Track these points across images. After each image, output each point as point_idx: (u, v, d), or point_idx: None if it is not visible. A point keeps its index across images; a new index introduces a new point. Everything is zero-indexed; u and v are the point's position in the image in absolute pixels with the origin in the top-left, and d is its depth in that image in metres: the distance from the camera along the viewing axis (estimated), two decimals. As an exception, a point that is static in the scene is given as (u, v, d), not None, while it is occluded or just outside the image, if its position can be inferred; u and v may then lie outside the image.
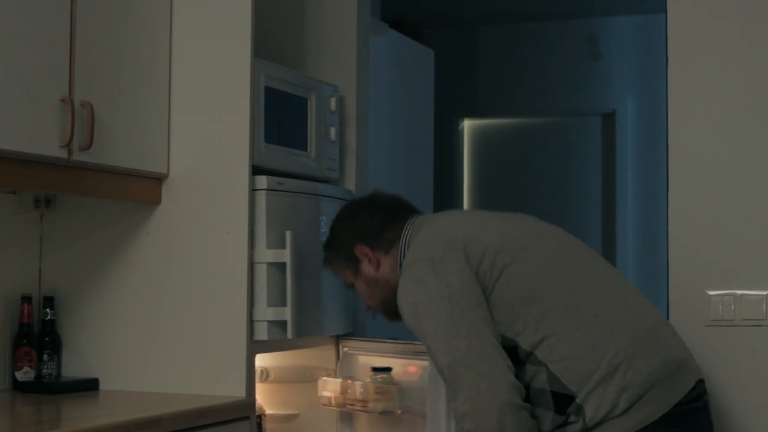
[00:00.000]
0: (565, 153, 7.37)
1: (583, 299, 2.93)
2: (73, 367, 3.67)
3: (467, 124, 7.61)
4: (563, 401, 2.85)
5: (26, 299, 3.59)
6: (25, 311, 3.58)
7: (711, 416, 3.00)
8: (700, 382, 2.98)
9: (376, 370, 3.68)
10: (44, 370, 3.60)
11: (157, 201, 3.59)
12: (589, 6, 7.05)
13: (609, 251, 7.17)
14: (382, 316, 3.33)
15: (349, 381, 3.73)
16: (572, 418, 2.83)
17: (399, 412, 3.64)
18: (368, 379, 3.69)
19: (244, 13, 3.54)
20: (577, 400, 2.82)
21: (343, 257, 3.32)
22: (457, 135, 7.56)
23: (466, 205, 7.59)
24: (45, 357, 3.60)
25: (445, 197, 7.39)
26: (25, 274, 3.68)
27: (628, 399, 2.80)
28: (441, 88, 6.26)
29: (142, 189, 3.53)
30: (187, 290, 3.54)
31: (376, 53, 4.89)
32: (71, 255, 3.71)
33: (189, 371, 3.50)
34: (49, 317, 3.64)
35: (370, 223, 3.28)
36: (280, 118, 3.75)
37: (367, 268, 3.27)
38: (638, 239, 7.09)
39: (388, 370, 3.69)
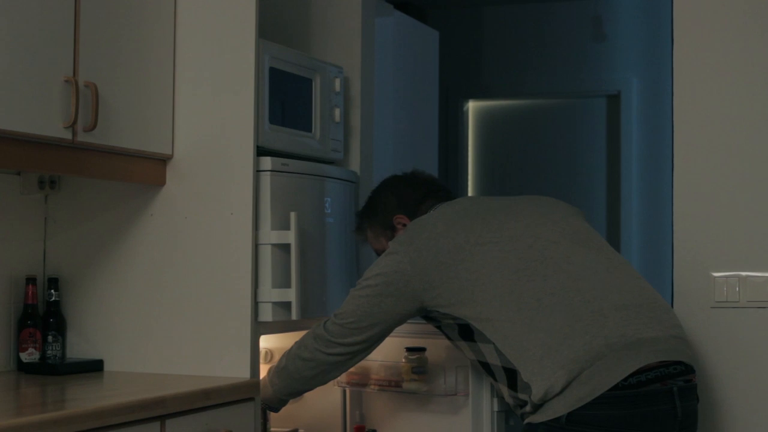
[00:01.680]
0: (570, 134, 7.36)
1: (529, 286, 3.05)
2: (77, 349, 3.67)
3: (472, 106, 7.60)
4: (511, 376, 3.05)
5: (31, 280, 3.59)
6: (30, 292, 3.58)
7: (682, 402, 2.98)
8: (676, 364, 2.98)
9: (410, 350, 3.69)
10: (49, 352, 3.60)
11: (162, 182, 3.58)
12: (594, -13, 7.03)
13: (614, 233, 7.17)
14: None
15: (385, 362, 3.73)
16: (523, 396, 2.98)
17: (428, 391, 3.67)
18: (402, 360, 3.69)
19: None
20: (524, 378, 2.95)
21: (380, 224, 3.59)
22: (461, 116, 7.55)
23: (470, 186, 7.58)
24: (50, 338, 3.61)
25: (450, 178, 7.39)
26: (30, 255, 3.68)
27: (564, 376, 2.88)
28: (445, 70, 6.24)
29: (147, 170, 3.53)
30: (191, 271, 3.54)
31: (381, 34, 4.88)
32: (76, 236, 3.71)
33: (194, 352, 3.51)
34: (53, 298, 3.64)
35: (411, 195, 3.55)
36: (285, 99, 3.74)
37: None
38: (643, 221, 7.08)
39: (422, 350, 3.70)
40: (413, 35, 5.62)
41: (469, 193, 7.61)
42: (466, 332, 3.19)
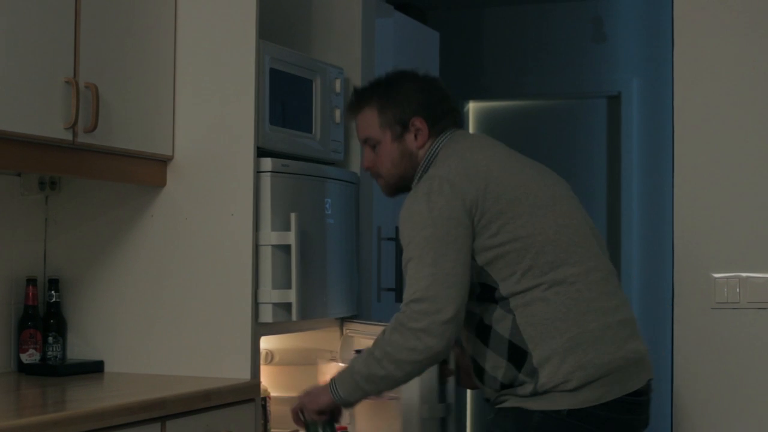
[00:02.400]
0: (570, 135, 7.36)
1: (572, 271, 2.94)
2: (78, 350, 3.67)
3: (472, 107, 7.60)
4: (518, 355, 2.90)
5: (31, 281, 3.59)
6: (30, 293, 3.59)
7: (649, 413, 3.04)
8: (650, 380, 3.04)
9: (359, 352, 3.67)
10: (49, 353, 3.60)
11: (162, 183, 3.59)
12: (594, -12, 7.03)
13: (614, 233, 7.17)
14: (382, 186, 3.22)
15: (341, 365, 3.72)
16: (525, 378, 2.88)
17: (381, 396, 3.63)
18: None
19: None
20: (534, 363, 2.87)
21: (393, 115, 3.13)
22: (462, 117, 7.55)
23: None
24: (50, 339, 3.61)
25: (450, 179, 7.37)
26: (30, 256, 3.68)
27: (582, 378, 2.85)
28: (446, 70, 6.24)
29: (147, 171, 3.53)
30: (192, 272, 3.54)
31: (382, 35, 4.88)
32: (76, 237, 3.71)
33: (194, 353, 3.51)
34: (54, 299, 3.64)
35: (438, 104, 3.16)
36: (285, 100, 3.75)
37: (411, 140, 3.12)
38: (643, 221, 7.08)
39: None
40: (414, 36, 5.62)
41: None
42: (486, 293, 2.96)
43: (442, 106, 3.16)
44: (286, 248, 3.54)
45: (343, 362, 3.78)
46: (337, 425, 3.13)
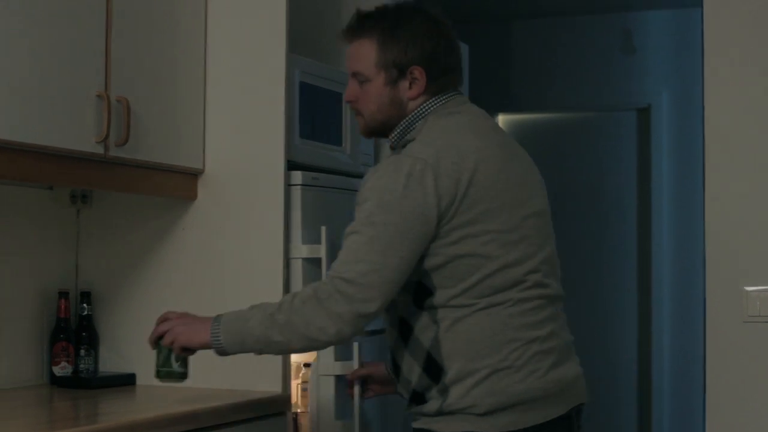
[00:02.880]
0: (599, 148, 7.35)
1: (511, 296, 2.72)
2: (110, 362, 3.69)
3: (501, 119, 7.59)
4: (434, 368, 2.72)
5: (63, 294, 3.61)
6: (62, 306, 3.60)
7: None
8: (579, 406, 2.87)
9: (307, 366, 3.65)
10: (81, 365, 3.62)
11: (193, 196, 3.60)
12: (623, 0, 7.02)
13: (644, 248, 7.14)
14: (360, 124, 2.93)
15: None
16: (435, 393, 2.72)
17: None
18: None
19: (278, 8, 3.55)
20: (447, 381, 2.69)
21: (393, 59, 2.81)
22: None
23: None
24: (82, 352, 3.62)
25: (480, 192, 7.36)
26: (62, 269, 3.70)
27: (492, 404, 2.68)
28: (475, 83, 6.24)
29: (178, 184, 3.54)
30: (222, 286, 3.54)
31: (411, 48, 4.88)
32: (108, 250, 3.73)
33: (225, 367, 3.50)
34: (86, 312, 3.66)
35: (444, 57, 2.85)
36: (315, 113, 3.75)
37: (404, 89, 2.82)
38: (674, 235, 7.06)
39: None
40: (443, 49, 5.62)
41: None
42: (419, 294, 2.74)
43: (447, 59, 2.86)
44: (317, 261, 3.55)
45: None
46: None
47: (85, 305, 3.66)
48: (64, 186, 3.58)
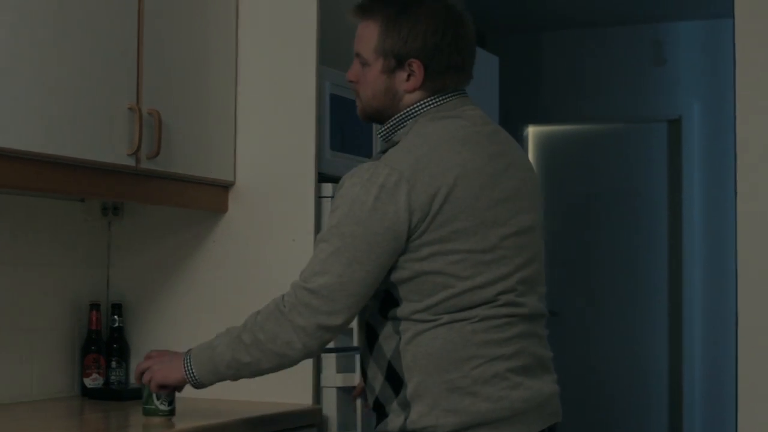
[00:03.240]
0: (630, 160, 7.33)
1: (476, 313, 2.60)
2: (140, 374, 3.69)
3: (532, 131, 7.59)
4: (395, 380, 2.63)
5: (94, 306, 3.62)
6: (94, 318, 3.61)
7: None
8: (553, 426, 2.77)
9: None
10: (112, 377, 3.63)
11: (224, 209, 3.60)
12: (653, 11, 7.00)
13: (676, 260, 7.12)
14: (358, 107, 2.84)
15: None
16: (397, 407, 2.62)
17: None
18: None
19: (309, 20, 3.55)
20: (407, 396, 2.59)
21: (392, 47, 2.69)
22: (521, 141, 7.53)
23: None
24: (113, 364, 3.63)
25: (510, 204, 7.35)
26: (94, 281, 3.71)
27: (455, 424, 2.58)
28: (505, 95, 6.23)
29: (209, 197, 3.55)
30: (253, 298, 3.53)
31: (441, 60, 4.87)
32: (139, 262, 3.74)
33: (256, 378, 3.51)
34: (117, 324, 3.67)
35: (447, 55, 2.71)
36: (345, 125, 3.75)
37: (401, 80, 2.71)
38: (706, 248, 7.03)
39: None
40: (473, 61, 5.62)
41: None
42: (386, 302, 2.65)
43: (451, 57, 2.71)
44: (347, 273, 3.54)
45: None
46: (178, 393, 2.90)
47: (116, 317, 3.67)
48: (96, 198, 3.59)
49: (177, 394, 2.91)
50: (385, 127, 2.75)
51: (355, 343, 3.36)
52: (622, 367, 7.24)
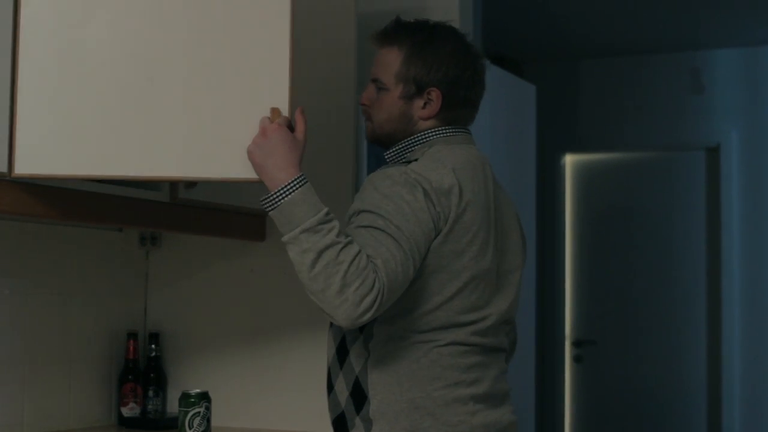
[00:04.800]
0: (668, 188, 7.30)
1: (444, 336, 2.60)
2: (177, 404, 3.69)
3: (569, 159, 7.57)
4: (359, 395, 2.62)
5: (132, 336, 3.63)
6: (131, 347, 3.62)
7: None
8: None
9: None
10: (149, 406, 3.63)
11: (261, 237, 3.60)
12: (692, 39, 6.98)
13: (715, 288, 7.07)
14: (367, 129, 2.84)
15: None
16: (357, 423, 2.62)
17: None
18: None
19: (349, 49, 3.56)
20: (370, 413, 2.59)
21: (415, 75, 2.73)
22: (558, 170, 7.52)
23: (567, 240, 7.52)
24: (150, 393, 3.63)
25: (547, 232, 7.35)
26: (131, 310, 3.72)
27: None
28: (542, 123, 6.23)
29: (246, 226, 3.55)
30: (291, 327, 3.54)
31: (478, 89, 4.87)
32: (176, 292, 3.74)
33: (294, 407, 3.51)
34: (154, 354, 3.67)
35: (465, 89, 2.77)
36: (381, 152, 3.75)
37: (418, 107, 2.74)
38: (745, 275, 6.98)
39: None
40: (510, 89, 5.61)
41: (567, 250, 7.54)
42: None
43: (468, 92, 2.78)
44: (385, 303, 3.54)
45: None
46: None
47: (153, 346, 3.68)
48: (134, 228, 3.60)
49: (212, 425, 2.91)
50: (395, 149, 2.78)
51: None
52: (660, 394, 7.19)
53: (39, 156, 2.50)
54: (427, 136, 2.74)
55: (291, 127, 2.60)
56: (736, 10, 6.35)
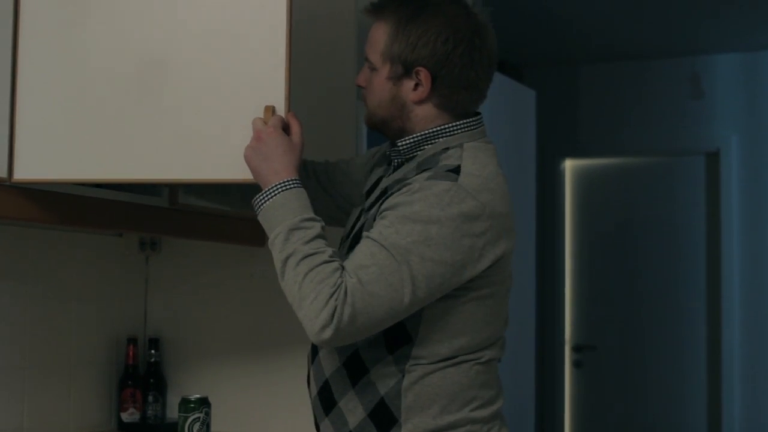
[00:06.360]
0: (668, 193, 7.30)
1: (482, 353, 2.49)
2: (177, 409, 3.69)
3: (569, 164, 7.57)
4: (385, 418, 2.44)
5: (132, 341, 3.62)
6: (131, 353, 3.61)
7: None
8: None
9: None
10: (149, 412, 3.62)
11: (261, 243, 3.59)
12: (691, 44, 6.99)
13: (714, 293, 7.07)
14: (365, 113, 2.62)
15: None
16: None
17: None
18: None
19: (348, 55, 3.56)
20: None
21: (399, 52, 2.48)
22: (558, 175, 7.52)
23: (567, 245, 7.52)
24: (150, 398, 3.63)
25: (547, 237, 7.35)
26: (131, 316, 3.72)
27: None
28: (542, 128, 6.23)
29: (246, 231, 3.54)
30: (291, 332, 3.53)
31: (478, 94, 4.88)
32: (176, 297, 3.74)
33: (295, 415, 3.50)
34: (154, 359, 3.67)
35: (460, 70, 2.49)
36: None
37: (408, 89, 2.50)
38: (745, 280, 6.98)
39: None
40: (510, 94, 5.62)
41: (567, 255, 7.54)
42: (395, 337, 2.43)
43: (463, 72, 2.49)
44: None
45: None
46: None
47: (153, 351, 3.67)
48: (133, 233, 3.60)
49: (212, 430, 2.90)
50: (408, 141, 2.53)
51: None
52: (660, 399, 7.19)
53: (39, 161, 2.50)
54: (449, 130, 2.52)
55: (285, 127, 2.50)
56: (736, 16, 6.35)
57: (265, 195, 2.41)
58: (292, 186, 2.40)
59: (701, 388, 7.11)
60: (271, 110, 2.50)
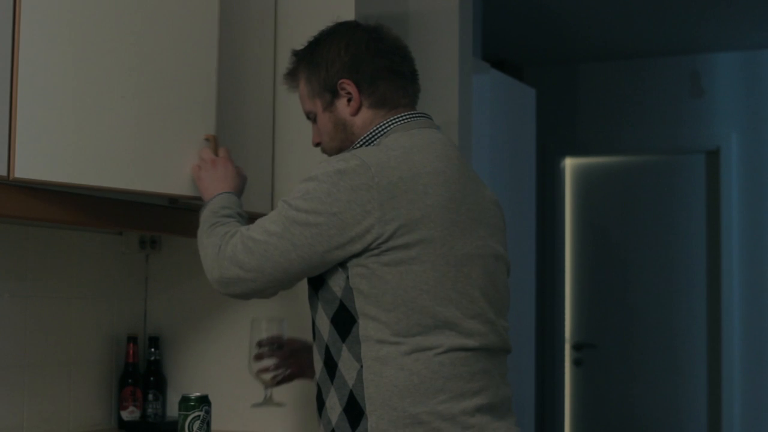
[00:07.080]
0: (668, 191, 7.31)
1: (441, 341, 2.48)
2: (177, 407, 3.69)
3: (569, 163, 7.57)
4: (355, 411, 2.48)
5: (132, 339, 3.62)
6: (131, 351, 3.61)
7: None
8: None
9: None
10: (149, 410, 3.63)
11: (261, 241, 3.60)
12: (691, 43, 6.99)
13: (714, 292, 7.07)
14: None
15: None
16: None
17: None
18: None
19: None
20: (368, 428, 2.45)
21: (319, 84, 2.69)
22: (558, 173, 7.52)
23: (567, 243, 7.53)
24: (150, 397, 3.63)
25: (547, 235, 7.35)
26: (131, 314, 3.72)
27: None
28: (542, 127, 6.23)
29: (246, 230, 3.54)
30: (291, 330, 3.54)
31: (478, 92, 4.88)
32: (176, 295, 3.74)
33: (294, 415, 3.51)
34: (154, 357, 3.67)
35: (372, 63, 2.65)
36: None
37: (343, 107, 2.67)
38: (745, 279, 6.99)
39: None
40: (510, 93, 5.62)
41: (567, 253, 7.55)
42: (342, 320, 2.52)
43: (375, 61, 2.65)
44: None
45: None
46: None
47: (153, 350, 3.67)
48: (133, 231, 3.60)
49: (212, 428, 2.91)
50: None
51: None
52: (660, 397, 7.19)
53: (39, 161, 2.51)
54: (379, 129, 2.63)
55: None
56: (736, 14, 6.35)
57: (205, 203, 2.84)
58: (224, 194, 2.84)
59: (701, 386, 7.11)
60: (214, 139, 2.89)
